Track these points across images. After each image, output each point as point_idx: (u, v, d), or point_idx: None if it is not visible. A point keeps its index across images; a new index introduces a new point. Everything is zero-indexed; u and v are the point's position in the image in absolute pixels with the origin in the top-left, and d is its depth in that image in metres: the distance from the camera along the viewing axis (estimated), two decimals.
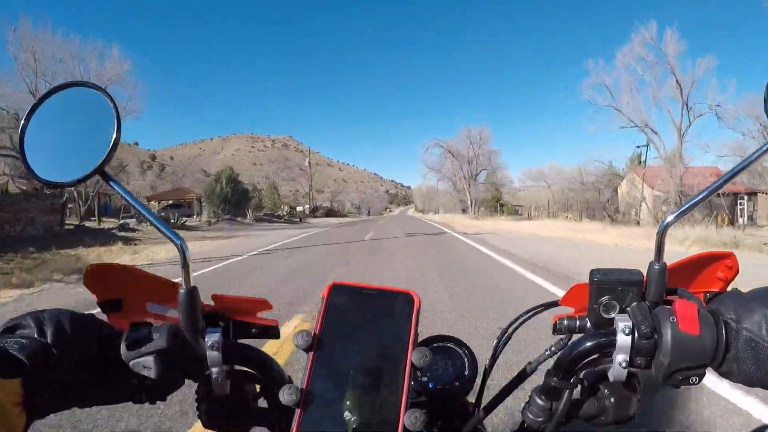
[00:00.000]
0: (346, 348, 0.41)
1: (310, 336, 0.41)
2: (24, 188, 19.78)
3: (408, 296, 0.44)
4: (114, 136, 0.49)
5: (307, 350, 0.41)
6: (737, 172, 0.49)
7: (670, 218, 0.49)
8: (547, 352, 0.58)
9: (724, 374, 0.47)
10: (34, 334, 0.44)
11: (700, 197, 0.49)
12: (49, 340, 0.43)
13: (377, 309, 0.43)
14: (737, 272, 0.54)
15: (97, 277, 0.53)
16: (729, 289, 0.53)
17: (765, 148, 0.46)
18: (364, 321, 0.43)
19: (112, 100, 0.50)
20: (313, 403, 0.39)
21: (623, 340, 0.47)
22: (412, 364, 0.40)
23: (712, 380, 2.79)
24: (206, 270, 8.68)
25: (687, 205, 0.49)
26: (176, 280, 0.52)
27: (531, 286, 6.43)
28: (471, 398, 0.66)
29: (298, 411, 0.39)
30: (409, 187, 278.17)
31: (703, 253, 0.54)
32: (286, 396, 0.38)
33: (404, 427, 0.37)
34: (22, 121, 0.50)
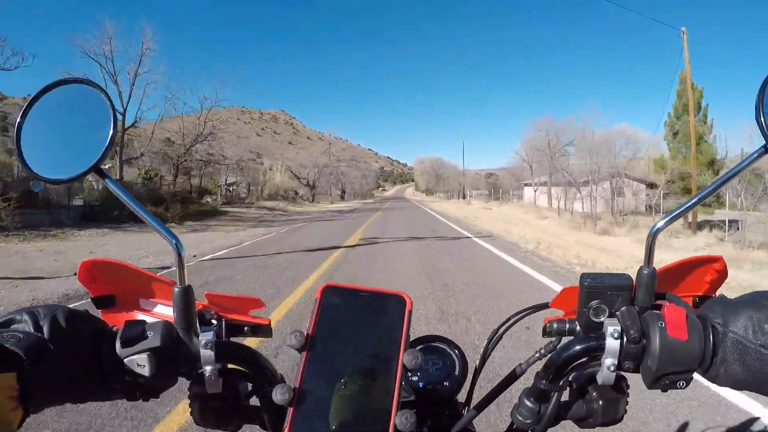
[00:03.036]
0: (338, 348, 0.43)
1: (303, 336, 0.43)
2: None
3: (400, 298, 0.46)
4: (110, 133, 0.51)
5: (300, 350, 0.43)
6: (729, 177, 0.50)
7: (660, 223, 0.51)
8: (536, 354, 0.61)
9: (712, 378, 0.49)
10: (30, 328, 0.46)
11: (691, 203, 0.51)
12: (45, 334, 0.45)
13: (370, 310, 0.46)
14: (726, 276, 0.57)
15: (91, 272, 0.56)
16: (718, 293, 0.56)
17: (755, 155, 0.48)
18: (357, 322, 0.45)
19: (108, 97, 0.51)
20: (306, 402, 0.41)
21: (612, 344, 0.50)
22: (404, 366, 0.42)
23: None
24: None
25: (677, 211, 0.51)
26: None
27: None
28: (461, 398, 0.70)
29: (290, 410, 0.40)
30: (405, 165, 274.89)
31: (692, 258, 0.57)
32: (279, 395, 0.40)
33: (395, 427, 0.39)
34: (18, 118, 0.52)
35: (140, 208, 0.53)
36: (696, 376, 0.50)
